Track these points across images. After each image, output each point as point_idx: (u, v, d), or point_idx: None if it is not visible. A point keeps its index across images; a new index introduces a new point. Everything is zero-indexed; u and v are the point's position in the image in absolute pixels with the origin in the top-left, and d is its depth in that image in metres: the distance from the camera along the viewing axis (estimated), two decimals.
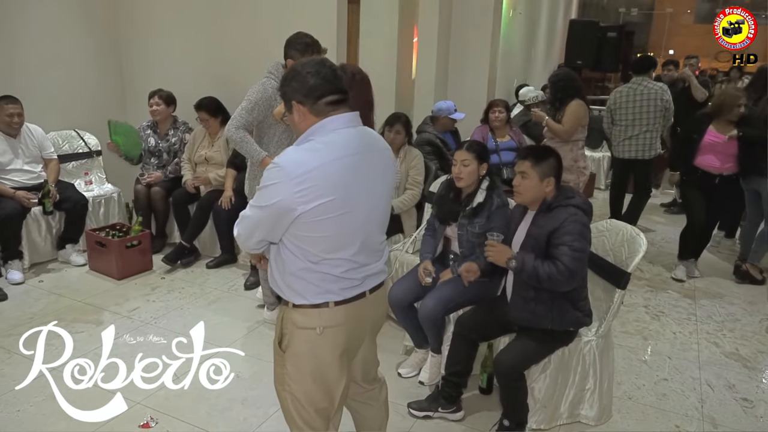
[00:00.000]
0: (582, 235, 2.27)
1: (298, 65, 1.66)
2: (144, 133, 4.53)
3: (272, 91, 2.93)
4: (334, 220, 1.57)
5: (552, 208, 2.32)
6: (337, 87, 1.62)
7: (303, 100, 1.61)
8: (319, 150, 1.56)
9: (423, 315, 2.72)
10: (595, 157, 7.02)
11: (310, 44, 2.93)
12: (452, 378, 2.59)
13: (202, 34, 4.65)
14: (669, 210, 6.21)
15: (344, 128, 1.62)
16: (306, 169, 1.51)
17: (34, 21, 4.42)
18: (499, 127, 4.45)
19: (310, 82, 1.60)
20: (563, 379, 2.52)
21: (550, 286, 2.27)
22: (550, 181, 2.32)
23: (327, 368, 1.71)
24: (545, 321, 2.36)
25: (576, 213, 2.28)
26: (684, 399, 2.86)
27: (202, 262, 4.31)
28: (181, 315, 3.51)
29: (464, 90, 6.05)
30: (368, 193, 1.65)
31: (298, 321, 1.68)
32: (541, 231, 2.32)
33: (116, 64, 5.06)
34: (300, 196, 1.51)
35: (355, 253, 1.66)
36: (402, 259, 3.33)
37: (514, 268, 2.32)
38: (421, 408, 2.63)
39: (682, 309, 3.88)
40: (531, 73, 9.03)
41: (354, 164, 1.60)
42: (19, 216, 3.88)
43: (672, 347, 3.37)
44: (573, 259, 2.23)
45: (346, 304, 1.68)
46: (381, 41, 5.17)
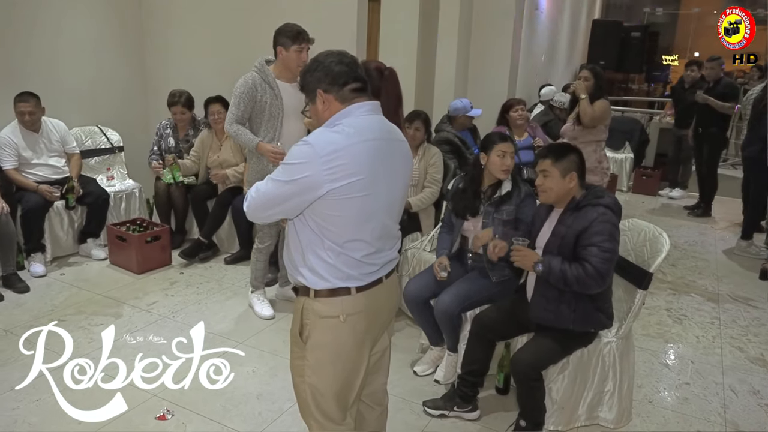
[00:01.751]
0: (612, 236, 2.23)
1: (320, 56, 1.70)
2: (164, 132, 4.56)
3: (252, 82, 3.13)
4: (359, 200, 1.59)
5: (581, 207, 2.28)
6: (358, 75, 1.67)
7: (328, 87, 1.65)
8: (348, 132, 1.59)
9: (439, 311, 2.70)
10: (618, 158, 6.93)
11: (301, 32, 3.12)
12: (468, 377, 2.57)
13: (224, 31, 4.69)
14: (693, 213, 6.10)
15: (369, 114, 1.67)
16: (336, 148, 1.55)
17: (61, 18, 4.49)
18: (520, 125, 4.42)
19: (336, 70, 1.65)
20: (582, 380, 2.48)
21: (579, 289, 2.24)
22: (572, 176, 2.29)
23: (348, 356, 1.72)
24: (567, 321, 2.32)
25: (606, 213, 2.23)
26: (706, 404, 2.80)
27: (220, 257, 4.34)
28: (199, 309, 3.53)
29: (484, 89, 6.00)
30: (389, 179, 1.68)
31: (321, 310, 1.68)
32: (569, 230, 2.27)
33: (139, 61, 5.12)
34: (329, 173, 1.53)
35: (375, 238, 1.68)
36: (419, 257, 3.30)
37: (540, 272, 2.28)
38: (436, 407, 2.60)
39: (705, 312, 3.80)
40: (552, 73, 8.93)
41: (379, 148, 1.63)
42: (42, 209, 3.95)
43: (695, 351, 3.30)
44: (602, 260, 2.18)
45: (366, 290, 1.69)
46: (401, 40, 5.15)
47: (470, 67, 6.16)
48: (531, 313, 2.41)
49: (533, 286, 2.42)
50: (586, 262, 2.20)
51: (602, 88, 3.93)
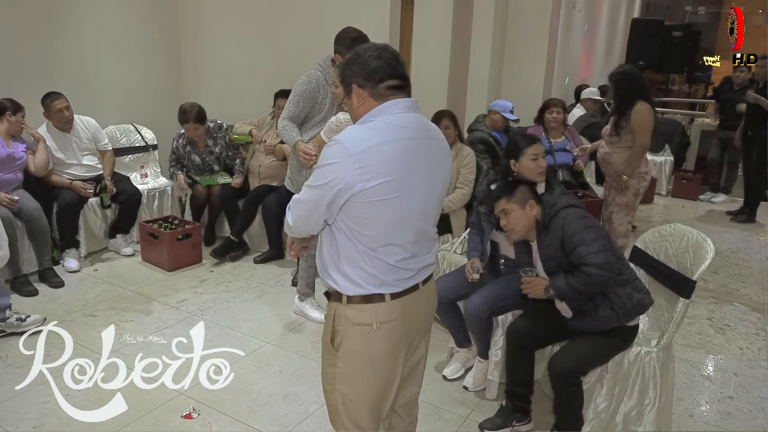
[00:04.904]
0: (586, 227, 2.20)
1: (360, 49, 1.63)
2: (183, 151, 4.42)
3: (316, 82, 3.03)
4: (391, 202, 1.52)
5: (546, 224, 2.26)
6: (398, 72, 1.60)
7: (363, 83, 1.59)
8: (381, 129, 1.53)
9: (468, 313, 2.63)
10: (657, 161, 6.71)
11: (356, 38, 2.96)
12: (517, 389, 2.47)
13: (257, 32, 4.70)
14: (736, 218, 5.86)
15: (404, 113, 1.59)
16: (367, 147, 1.48)
17: (99, 17, 4.56)
18: (555, 127, 4.31)
19: (372, 65, 1.58)
20: (621, 391, 2.37)
21: (597, 290, 2.20)
22: (532, 204, 2.28)
23: (382, 365, 1.64)
24: (613, 321, 2.25)
25: (567, 213, 2.22)
26: (751, 419, 2.66)
27: (250, 256, 4.34)
28: (227, 308, 3.53)
29: (519, 89, 5.88)
30: (426, 179, 1.60)
31: (354, 317, 1.61)
32: (552, 248, 2.25)
33: (175, 61, 5.18)
34: (360, 173, 1.47)
35: (410, 242, 1.60)
36: (450, 259, 3.23)
37: (553, 296, 2.25)
38: (496, 426, 2.49)
39: (750, 323, 3.63)
40: (590, 73, 8.74)
41: (413, 147, 1.56)
42: (77, 206, 4.01)
43: (738, 363, 3.15)
44: (594, 253, 2.14)
45: (401, 297, 1.62)
46: (434, 40, 5.09)
47: (505, 67, 6.05)
48: (573, 327, 2.33)
49: (565, 307, 2.34)
50: (583, 266, 2.16)
51: (636, 90, 3.68)
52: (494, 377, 2.69)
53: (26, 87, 4.02)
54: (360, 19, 4.04)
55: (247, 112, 4.51)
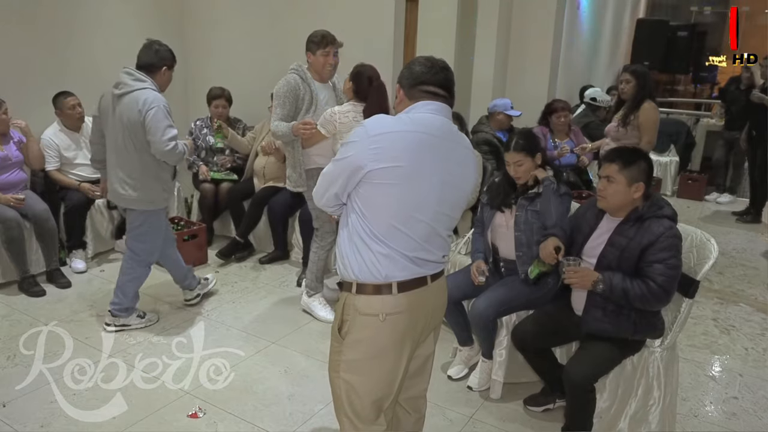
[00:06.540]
0: (678, 251, 2.13)
1: (415, 58, 1.79)
2: (200, 132, 4.56)
3: (294, 82, 3.22)
4: (399, 188, 1.59)
5: (644, 219, 2.16)
6: (437, 80, 1.72)
7: (403, 83, 1.75)
8: (403, 120, 1.65)
9: (474, 315, 2.64)
10: (662, 161, 6.70)
11: (325, 35, 3.22)
12: (549, 378, 2.54)
13: (263, 31, 4.72)
14: (741, 219, 5.84)
15: (431, 114, 1.69)
16: (384, 131, 1.60)
17: (106, 17, 4.58)
18: (561, 130, 4.32)
19: (416, 70, 1.73)
20: (625, 391, 2.38)
21: (640, 306, 2.16)
22: (639, 186, 2.16)
23: (386, 356, 1.69)
24: (627, 332, 2.23)
25: (671, 227, 2.14)
26: (756, 420, 2.65)
27: (255, 257, 4.36)
28: (233, 308, 3.55)
29: (523, 89, 5.86)
30: (441, 178, 1.66)
31: (361, 307, 1.67)
32: (632, 243, 2.15)
33: (181, 61, 5.18)
34: (373, 153, 1.57)
35: (422, 238, 1.66)
36: (455, 259, 3.24)
37: (602, 291, 2.18)
38: (539, 403, 2.60)
39: (755, 323, 3.62)
40: (594, 73, 8.72)
41: (430, 143, 1.64)
42: (84, 207, 4.04)
43: (743, 364, 3.14)
44: (669, 278, 2.10)
45: (408, 291, 1.67)
46: (439, 39, 5.09)
47: (509, 68, 6.05)
48: (584, 326, 2.31)
49: (584, 300, 2.30)
50: (650, 281, 2.10)
51: (648, 88, 3.72)
52: (499, 377, 2.70)
53: (40, 90, 4.07)
54: (364, 20, 4.08)
55: (253, 115, 4.53)
